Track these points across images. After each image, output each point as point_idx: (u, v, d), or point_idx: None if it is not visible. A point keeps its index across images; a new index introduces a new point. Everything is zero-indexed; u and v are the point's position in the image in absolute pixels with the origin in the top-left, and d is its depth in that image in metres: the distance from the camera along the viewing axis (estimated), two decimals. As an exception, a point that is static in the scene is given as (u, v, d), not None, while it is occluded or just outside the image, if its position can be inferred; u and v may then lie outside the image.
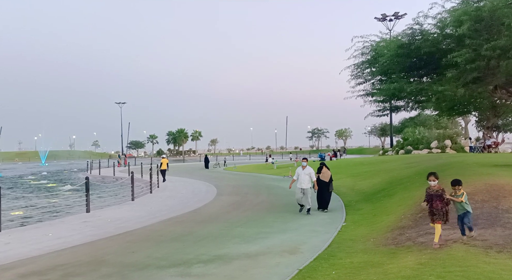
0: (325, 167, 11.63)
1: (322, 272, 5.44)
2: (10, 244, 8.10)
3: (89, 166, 38.79)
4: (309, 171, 11.23)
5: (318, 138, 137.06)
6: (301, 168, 11.32)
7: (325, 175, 11.46)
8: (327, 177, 11.46)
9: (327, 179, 11.43)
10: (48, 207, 16.28)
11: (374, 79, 15.15)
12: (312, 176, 11.17)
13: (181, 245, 7.72)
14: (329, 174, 11.53)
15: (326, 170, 11.54)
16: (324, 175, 11.46)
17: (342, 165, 27.32)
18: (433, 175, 5.95)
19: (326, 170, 11.56)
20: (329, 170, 11.63)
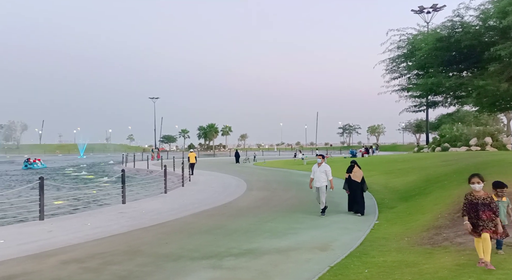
0: (357, 165, 10.83)
1: (354, 270, 5.37)
2: (53, 232, 8.55)
3: (124, 159, 40.15)
4: (324, 169, 10.53)
5: (350, 134, 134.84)
6: (317, 166, 10.63)
7: (357, 174, 10.67)
8: (360, 176, 10.66)
9: (359, 179, 10.62)
10: (87, 198, 17.04)
11: (410, 74, 14.69)
12: (329, 174, 10.50)
13: (212, 238, 7.86)
14: (361, 174, 10.71)
15: (358, 169, 10.74)
16: (356, 174, 10.67)
17: (374, 162, 26.72)
18: (478, 176, 4.71)
19: (358, 169, 10.75)
20: (360, 169, 10.86)
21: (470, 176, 4.74)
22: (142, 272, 5.70)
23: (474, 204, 4.66)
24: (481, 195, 4.66)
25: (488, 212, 4.57)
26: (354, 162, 10.91)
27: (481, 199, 4.64)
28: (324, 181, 10.43)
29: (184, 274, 5.59)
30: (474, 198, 4.67)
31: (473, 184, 4.67)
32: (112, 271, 5.79)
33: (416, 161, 23.35)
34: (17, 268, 6.01)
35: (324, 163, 10.74)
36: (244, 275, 5.50)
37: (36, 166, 42.32)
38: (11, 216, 11.52)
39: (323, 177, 10.46)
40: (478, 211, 4.62)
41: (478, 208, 4.63)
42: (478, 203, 4.64)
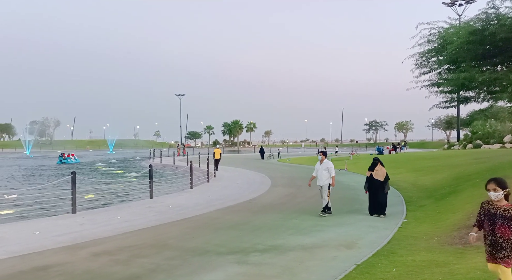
0: (380, 163, 10.00)
1: (381, 268, 5.28)
2: (84, 225, 8.87)
3: (151, 155, 41.06)
4: (327, 166, 9.98)
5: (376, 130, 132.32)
6: (319, 163, 10.16)
7: (379, 173, 9.85)
8: (382, 175, 9.84)
9: (381, 177, 9.80)
10: (116, 192, 17.57)
11: (441, 68, 14.23)
12: (331, 171, 9.95)
13: (238, 234, 7.93)
14: (384, 172, 9.87)
15: (380, 167, 9.91)
16: (378, 173, 9.86)
17: (402, 159, 26.12)
18: (495, 182, 3.65)
19: (381, 167, 9.92)
20: (384, 167, 10.04)
21: (488, 181, 3.67)
22: (169, 266, 5.83)
23: (491, 215, 3.64)
24: (502, 205, 3.61)
25: (507, 229, 3.53)
26: (377, 160, 10.15)
27: (501, 209, 3.59)
28: (326, 179, 9.93)
29: (210, 268, 5.67)
30: (492, 208, 3.65)
31: (489, 192, 3.64)
32: (141, 263, 5.95)
33: (446, 158, 22.64)
34: (52, 258, 6.28)
35: (326, 159, 10.22)
36: (269, 271, 5.52)
37: (70, 161, 44.13)
38: (46, 209, 12.04)
39: (325, 175, 9.95)
40: (494, 224, 3.60)
41: (495, 220, 3.61)
42: (496, 214, 3.62)
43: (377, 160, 10.06)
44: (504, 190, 3.56)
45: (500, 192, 3.57)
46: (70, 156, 45.47)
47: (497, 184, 3.59)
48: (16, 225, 9.15)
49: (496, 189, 3.58)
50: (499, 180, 3.63)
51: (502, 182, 3.60)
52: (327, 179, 9.92)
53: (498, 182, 3.61)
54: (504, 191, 3.56)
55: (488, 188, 3.62)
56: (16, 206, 13.50)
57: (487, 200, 3.71)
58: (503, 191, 3.56)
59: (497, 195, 3.57)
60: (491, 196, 3.61)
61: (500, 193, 3.57)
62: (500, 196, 3.57)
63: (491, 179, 3.66)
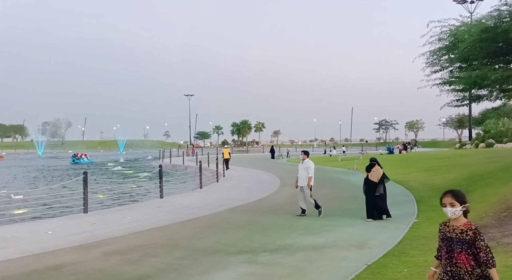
0: (377, 164, 9.40)
1: (393, 269, 5.23)
2: (96, 224, 8.97)
3: (161, 155, 41.33)
4: (306, 166, 9.64)
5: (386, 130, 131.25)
6: (301, 163, 9.89)
7: (375, 174, 9.25)
8: (377, 176, 9.21)
9: (376, 179, 9.20)
10: (126, 192, 17.73)
11: (452, 67, 14.06)
12: (310, 170, 9.57)
13: (247, 233, 7.93)
14: (380, 173, 9.26)
15: (377, 168, 9.29)
16: (373, 174, 9.25)
17: (413, 159, 25.87)
18: (452, 194, 2.87)
19: (378, 168, 9.30)
20: (381, 167, 9.44)
21: (444, 194, 2.90)
22: (180, 265, 5.86)
23: (448, 240, 2.86)
24: (460, 226, 2.82)
25: (467, 257, 2.74)
26: (374, 160, 9.53)
27: (457, 232, 2.82)
28: (305, 179, 9.60)
29: (221, 268, 5.69)
30: (449, 230, 2.88)
31: (445, 207, 2.85)
32: (152, 263, 6.00)
33: (458, 157, 22.35)
34: (65, 258, 6.37)
35: (308, 159, 9.85)
36: (279, 270, 5.51)
37: (83, 161, 44.78)
38: (58, 209, 12.21)
39: (304, 175, 9.63)
40: (452, 252, 2.82)
41: (452, 246, 2.82)
42: (453, 239, 2.84)
43: (374, 161, 9.51)
44: (462, 205, 2.80)
45: (458, 208, 2.78)
46: (82, 156, 46.10)
47: (454, 197, 2.82)
48: (29, 224, 9.31)
49: (454, 203, 2.80)
50: (456, 192, 2.86)
51: (460, 195, 2.84)
52: (307, 180, 9.59)
53: (455, 195, 2.83)
54: (463, 207, 2.79)
55: (444, 202, 2.84)
56: (29, 206, 13.71)
57: (445, 221, 2.96)
58: (461, 206, 2.79)
59: (455, 211, 2.79)
60: (447, 213, 2.84)
61: (458, 209, 2.78)
62: (458, 213, 2.79)
63: (447, 191, 2.90)
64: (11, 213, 12.42)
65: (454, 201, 2.81)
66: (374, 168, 9.35)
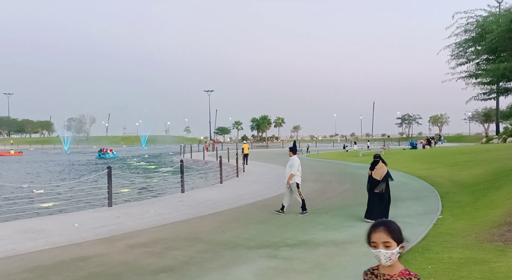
0: (382, 161, 8.83)
1: (416, 265, 5.14)
2: (120, 217, 9.20)
3: (182, 150, 41.86)
4: (290, 163, 9.52)
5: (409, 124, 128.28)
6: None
7: (378, 172, 8.68)
8: (380, 174, 8.62)
9: (379, 177, 8.60)
10: (149, 186, 18.08)
11: (479, 59, 13.60)
12: (293, 167, 9.43)
13: (267, 228, 7.96)
14: (383, 171, 8.65)
15: (381, 166, 8.74)
16: (377, 171, 8.69)
17: (437, 154, 25.24)
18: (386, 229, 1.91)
19: (382, 165, 8.75)
20: (386, 165, 8.84)
21: (371, 227, 1.97)
22: (201, 259, 5.94)
23: None
24: (394, 276, 1.92)
25: None
26: (378, 157, 8.95)
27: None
28: (294, 176, 9.49)
29: (241, 262, 5.74)
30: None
31: (375, 250, 1.90)
32: (174, 256, 6.11)
33: (484, 152, 21.66)
34: (90, 250, 6.57)
35: (295, 157, 9.74)
36: (300, 265, 5.51)
37: (108, 156, 46.02)
38: (84, 202, 12.58)
39: (288, 172, 9.58)
40: None
41: None
42: None
43: (378, 158, 8.97)
44: (400, 244, 1.87)
45: (395, 249, 1.85)
46: (108, 151, 47.33)
47: (390, 233, 1.86)
48: (57, 217, 9.63)
49: (389, 243, 1.84)
50: (392, 226, 1.89)
51: (397, 229, 1.89)
52: (295, 177, 9.47)
53: (391, 230, 1.87)
54: (401, 247, 1.88)
55: (374, 241, 1.87)
56: (56, 200, 14.19)
57: (372, 268, 2.00)
58: (399, 247, 1.86)
59: (390, 255, 1.85)
60: (380, 257, 1.86)
61: (395, 251, 1.85)
62: (394, 257, 1.86)
63: (378, 223, 1.91)
64: (38, 206, 12.89)
65: (389, 240, 1.84)
66: (378, 165, 8.81)
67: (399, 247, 1.88)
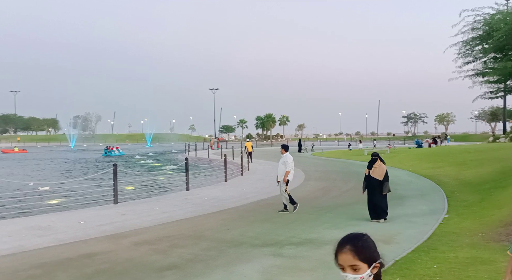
0: (380, 160, 8.55)
1: (421, 264, 5.11)
2: (126, 215, 9.25)
3: (187, 148, 41.97)
4: (284, 160, 9.49)
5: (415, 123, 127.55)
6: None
7: (377, 170, 8.39)
8: (380, 173, 8.35)
9: (380, 176, 8.33)
10: (154, 184, 18.16)
11: (486, 57, 13.48)
12: (288, 165, 9.38)
13: (272, 226, 7.96)
14: (383, 170, 8.40)
15: (380, 164, 8.46)
16: (376, 170, 8.40)
17: (443, 153, 25.09)
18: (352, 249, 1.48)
19: (380, 164, 8.47)
20: (384, 163, 8.61)
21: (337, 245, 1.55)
22: (206, 256, 5.96)
23: None
24: None
25: None
26: (377, 155, 8.67)
27: None
28: (283, 174, 9.50)
29: (246, 260, 5.75)
30: None
31: (343, 272, 1.51)
32: (179, 253, 6.13)
33: (491, 151, 21.47)
34: (97, 247, 6.61)
35: (286, 153, 9.73)
36: (305, 264, 5.51)
37: (114, 154, 46.33)
38: (90, 200, 12.66)
39: (282, 169, 9.54)
40: None
41: None
42: None
43: (377, 156, 8.68)
44: (371, 264, 1.50)
45: (364, 272, 1.49)
46: (113, 149, 47.64)
47: (357, 254, 1.49)
48: (63, 214, 9.70)
49: (356, 266, 1.49)
50: (360, 245, 1.50)
51: (366, 248, 1.51)
52: (284, 174, 9.46)
53: (359, 251, 1.49)
54: (374, 267, 1.50)
55: (340, 263, 1.51)
56: (61, 197, 14.29)
57: None
58: (370, 269, 1.49)
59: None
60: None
61: (366, 274, 1.49)
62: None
63: (344, 241, 1.52)
64: (45, 203, 13.00)
65: (357, 262, 1.48)
66: (376, 163, 8.50)
67: (371, 268, 1.48)
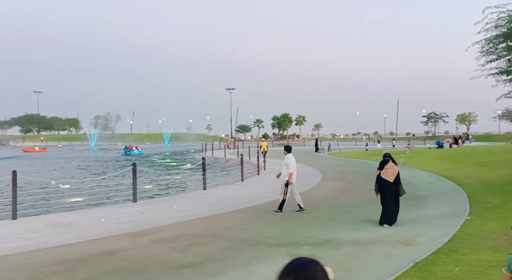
0: (392, 161, 8.22)
1: (442, 267, 5.01)
2: (145, 213, 9.40)
3: (204, 148, 42.29)
4: (286, 161, 9.52)
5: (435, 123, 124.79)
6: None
7: (388, 172, 8.06)
8: (392, 175, 8.02)
9: (391, 177, 7.99)
10: (172, 183, 18.38)
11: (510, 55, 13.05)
12: (290, 166, 9.40)
13: (289, 227, 7.94)
14: (395, 171, 8.08)
15: (391, 165, 8.13)
16: (387, 171, 8.07)
17: (464, 154, 24.50)
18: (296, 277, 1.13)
19: (392, 165, 8.14)
20: (396, 165, 8.28)
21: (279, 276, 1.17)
22: (223, 255, 6.00)
23: None
24: None
25: None
26: (388, 156, 8.32)
27: None
28: (285, 175, 9.49)
29: (263, 259, 5.75)
30: None
31: None
32: (197, 252, 6.19)
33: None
34: (117, 244, 6.75)
35: (289, 155, 9.73)
36: (322, 264, 5.47)
37: (133, 153, 47.25)
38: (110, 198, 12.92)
39: (284, 171, 9.55)
40: None
41: None
42: None
43: (388, 157, 8.32)
44: None
45: None
46: (133, 148, 48.60)
47: None
48: (84, 212, 9.94)
49: None
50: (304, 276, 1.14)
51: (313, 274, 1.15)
52: (286, 176, 9.46)
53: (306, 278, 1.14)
54: None
55: None
56: (83, 195, 14.63)
57: None
58: None
59: None
60: None
61: None
62: None
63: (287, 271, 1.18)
64: (67, 201, 13.33)
65: None
66: (388, 165, 8.16)
67: None
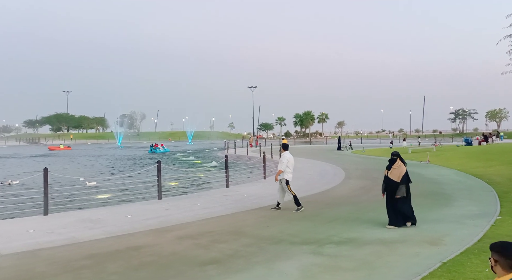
0: (400, 160, 7.80)
1: (471, 268, 4.86)
2: (169, 210, 9.58)
3: (226, 146, 42.61)
4: (281, 159, 9.61)
5: (463, 120, 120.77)
6: None
7: (395, 171, 7.68)
8: (398, 175, 7.61)
9: (397, 178, 7.59)
10: (196, 180, 18.63)
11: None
12: (280, 164, 9.48)
13: (311, 225, 7.90)
14: (402, 171, 7.64)
15: (399, 165, 7.72)
16: (394, 171, 7.69)
17: (494, 151, 23.62)
18: None
19: (400, 164, 7.73)
20: (405, 164, 7.82)
21: None
22: (246, 252, 6.04)
23: None
24: None
25: None
26: (396, 155, 7.87)
27: None
28: (284, 173, 9.50)
29: (286, 257, 5.76)
30: None
31: None
32: (220, 248, 6.26)
33: (550, 150, 19.89)
34: (143, 240, 6.91)
35: (284, 152, 9.70)
36: (346, 263, 5.42)
37: (159, 151, 48.37)
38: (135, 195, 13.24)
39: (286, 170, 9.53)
40: None
41: None
42: None
43: (396, 155, 7.87)
44: None
45: None
46: (158, 146, 49.70)
47: None
48: (111, 208, 10.22)
49: None
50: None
51: None
52: (283, 174, 9.48)
53: None
54: None
55: None
56: (109, 192, 15.04)
57: None
58: None
59: None
60: None
61: None
62: None
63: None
64: (94, 197, 13.75)
65: None
66: (396, 164, 7.77)
67: None
